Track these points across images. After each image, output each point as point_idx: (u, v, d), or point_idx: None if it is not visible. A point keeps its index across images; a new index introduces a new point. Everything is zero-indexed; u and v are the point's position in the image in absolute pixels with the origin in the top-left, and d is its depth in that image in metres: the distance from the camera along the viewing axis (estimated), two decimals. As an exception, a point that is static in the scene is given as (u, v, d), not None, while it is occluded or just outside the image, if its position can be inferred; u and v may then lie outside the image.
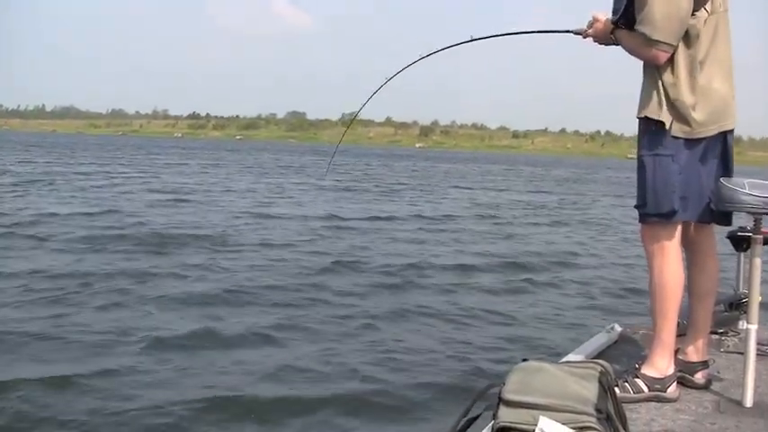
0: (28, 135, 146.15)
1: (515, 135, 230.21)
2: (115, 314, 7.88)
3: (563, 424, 2.59)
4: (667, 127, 3.28)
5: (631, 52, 3.38)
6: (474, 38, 3.90)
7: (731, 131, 3.42)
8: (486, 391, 2.87)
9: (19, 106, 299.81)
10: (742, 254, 4.54)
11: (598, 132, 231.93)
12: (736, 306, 4.55)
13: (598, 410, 2.66)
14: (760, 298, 3.35)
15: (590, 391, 2.74)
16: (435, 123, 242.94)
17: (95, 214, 16.78)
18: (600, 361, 3.02)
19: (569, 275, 11.90)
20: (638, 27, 3.23)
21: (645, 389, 3.37)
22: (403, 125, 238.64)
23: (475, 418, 2.84)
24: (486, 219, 20.74)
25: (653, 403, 3.34)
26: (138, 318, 7.84)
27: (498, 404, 2.72)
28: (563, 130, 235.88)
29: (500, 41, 4.05)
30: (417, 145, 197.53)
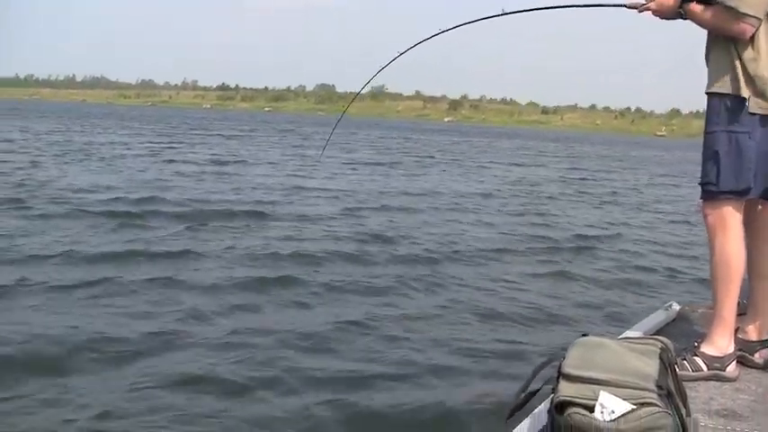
0: (58, 105, 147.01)
1: (545, 111, 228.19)
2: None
3: (623, 399, 2.56)
4: (747, 103, 3.22)
5: (711, 27, 3.31)
6: (506, 11, 3.70)
7: None
8: (546, 366, 2.86)
9: (50, 76, 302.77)
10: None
11: (628, 109, 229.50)
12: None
13: (659, 386, 2.62)
14: None
15: (651, 366, 2.70)
16: (465, 97, 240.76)
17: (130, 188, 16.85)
18: (660, 337, 2.97)
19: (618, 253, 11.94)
20: (725, 0, 3.17)
21: (704, 367, 3.32)
22: (431, 99, 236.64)
23: (534, 392, 2.82)
24: (523, 196, 20.53)
25: (712, 382, 3.30)
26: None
27: (558, 378, 2.69)
28: (593, 107, 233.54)
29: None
30: (446, 119, 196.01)
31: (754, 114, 3.23)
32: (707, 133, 3.36)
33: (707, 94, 3.36)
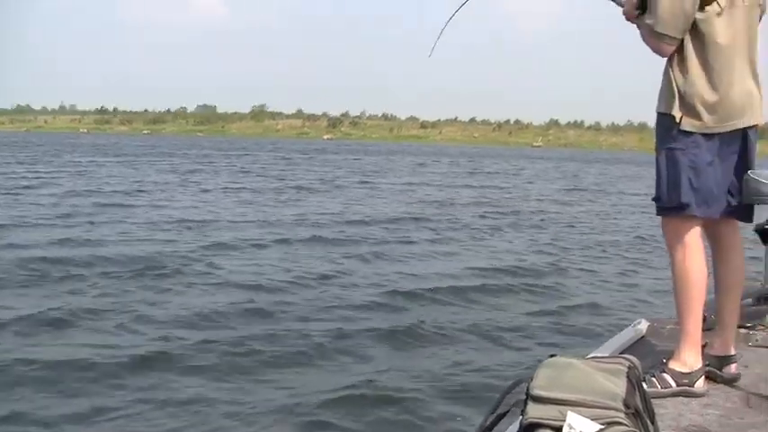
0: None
1: (424, 125, 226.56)
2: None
3: (591, 419, 2.59)
4: (677, 121, 3.29)
5: (643, 40, 3.39)
6: None
7: (753, 128, 3.37)
8: (514, 388, 2.88)
9: None
10: (769, 247, 4.49)
11: (507, 121, 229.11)
12: (765, 300, 4.52)
13: (626, 405, 2.66)
14: None
15: (618, 386, 2.73)
16: (345, 115, 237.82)
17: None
18: (628, 356, 3.03)
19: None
20: (646, 17, 3.27)
21: (672, 384, 3.35)
22: (311, 117, 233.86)
23: (503, 415, 2.85)
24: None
25: (681, 398, 3.33)
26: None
27: (527, 400, 2.71)
28: (473, 120, 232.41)
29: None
30: (325, 137, 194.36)
31: (690, 133, 3.29)
32: (655, 152, 3.45)
33: (656, 113, 3.44)
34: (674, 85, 3.30)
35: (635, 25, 3.47)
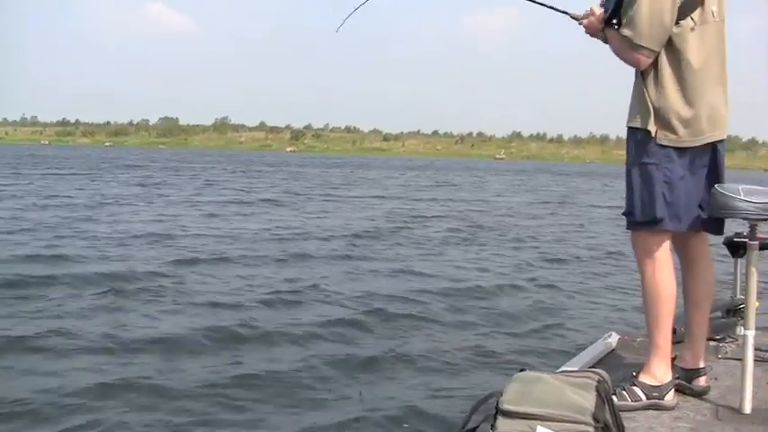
0: None
1: (386, 138, 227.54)
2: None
3: (560, 434, 2.61)
4: (653, 135, 3.30)
5: (616, 53, 3.40)
6: None
7: (722, 141, 3.41)
8: (485, 402, 2.87)
9: None
10: (739, 260, 4.51)
11: (470, 134, 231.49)
12: (734, 312, 4.55)
13: (596, 419, 2.67)
14: (757, 304, 3.36)
15: (587, 400, 2.75)
16: (308, 127, 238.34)
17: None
18: (597, 370, 3.05)
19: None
20: (624, 29, 3.26)
21: (642, 397, 3.36)
22: (274, 129, 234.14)
23: (473, 430, 2.84)
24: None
25: (651, 411, 3.34)
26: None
27: (496, 415, 2.72)
28: (435, 132, 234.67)
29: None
30: (288, 149, 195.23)
31: (664, 147, 3.31)
32: (626, 166, 3.46)
33: (627, 127, 3.43)
34: (647, 99, 3.32)
35: (601, 38, 3.47)
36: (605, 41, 3.47)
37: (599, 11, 3.46)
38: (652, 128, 3.30)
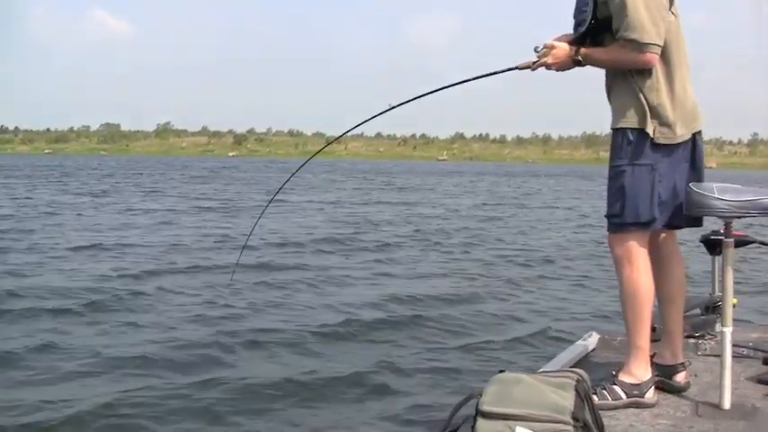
0: None
1: (329, 140, 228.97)
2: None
3: (540, 434, 2.61)
4: (652, 135, 3.27)
5: (613, 64, 3.34)
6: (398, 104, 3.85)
7: (699, 133, 3.45)
8: (464, 404, 2.88)
9: None
10: (716, 257, 4.50)
11: (413, 136, 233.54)
12: (713, 309, 4.57)
13: (575, 419, 2.69)
14: (735, 300, 3.36)
15: (566, 399, 2.76)
16: (251, 131, 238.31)
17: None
18: (576, 369, 3.07)
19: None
20: (626, 35, 3.18)
21: (623, 395, 3.37)
22: (216, 134, 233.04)
23: (454, 431, 2.87)
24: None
25: (632, 409, 3.35)
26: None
27: (476, 416, 2.73)
28: (378, 134, 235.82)
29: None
30: (230, 154, 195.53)
31: (660, 145, 3.29)
32: (612, 167, 3.41)
33: (612, 129, 3.40)
34: (641, 98, 3.29)
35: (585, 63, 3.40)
36: (584, 64, 3.38)
37: (557, 42, 3.40)
38: (649, 127, 3.27)
